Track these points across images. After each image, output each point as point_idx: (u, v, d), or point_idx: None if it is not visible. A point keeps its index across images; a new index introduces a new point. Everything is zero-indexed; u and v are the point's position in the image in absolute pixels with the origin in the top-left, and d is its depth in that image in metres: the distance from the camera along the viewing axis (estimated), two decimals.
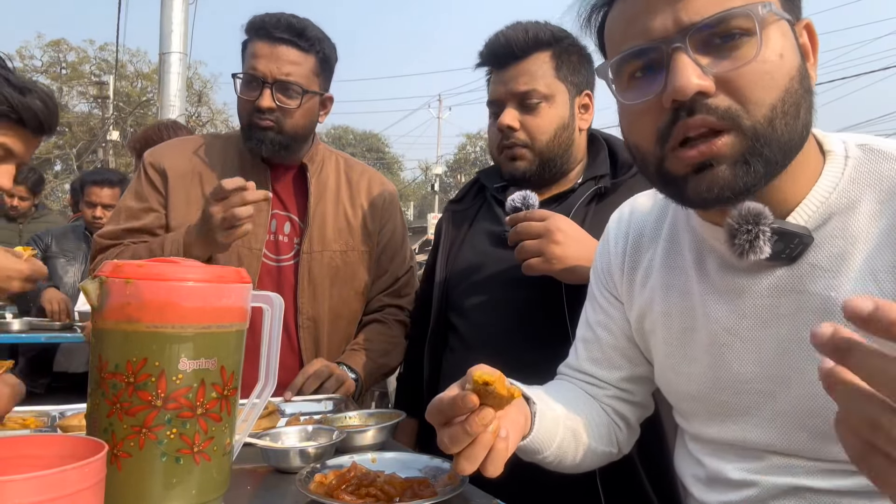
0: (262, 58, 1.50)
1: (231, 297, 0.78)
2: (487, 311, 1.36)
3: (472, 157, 44.78)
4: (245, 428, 0.88)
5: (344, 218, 1.67)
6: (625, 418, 1.03)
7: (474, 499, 0.88)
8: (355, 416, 1.21)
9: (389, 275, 1.75)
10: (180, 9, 6.55)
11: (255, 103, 1.51)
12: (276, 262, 1.61)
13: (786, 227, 0.75)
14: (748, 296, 0.81)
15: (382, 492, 0.84)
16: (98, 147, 22.79)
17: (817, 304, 0.76)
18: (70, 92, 30.40)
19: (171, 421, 0.72)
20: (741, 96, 0.72)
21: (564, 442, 0.93)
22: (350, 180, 1.73)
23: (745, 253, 0.75)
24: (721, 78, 0.72)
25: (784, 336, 0.79)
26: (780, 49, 0.72)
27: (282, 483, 0.94)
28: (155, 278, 0.73)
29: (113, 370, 0.72)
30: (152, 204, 1.58)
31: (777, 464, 0.82)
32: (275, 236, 1.62)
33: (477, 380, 0.71)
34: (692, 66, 0.72)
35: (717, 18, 0.72)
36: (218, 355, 0.76)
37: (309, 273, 1.60)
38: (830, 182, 0.78)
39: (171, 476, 0.73)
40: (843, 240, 0.76)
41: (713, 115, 0.72)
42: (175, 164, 1.60)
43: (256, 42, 1.52)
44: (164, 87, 6.57)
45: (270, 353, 0.88)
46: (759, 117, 0.72)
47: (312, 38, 1.54)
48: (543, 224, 1.21)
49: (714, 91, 0.72)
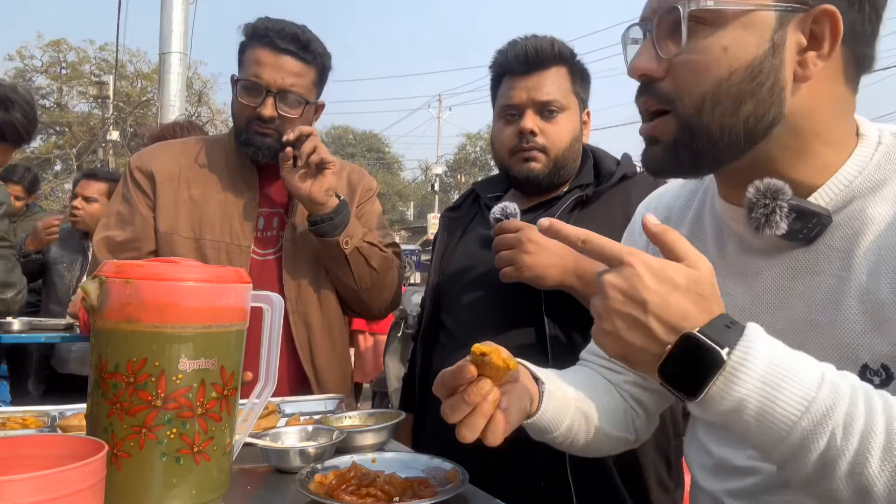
0: (266, 66, 1.52)
1: (231, 297, 0.78)
2: (474, 310, 1.42)
3: (472, 157, 44.78)
4: (245, 428, 0.88)
5: None
6: (643, 405, 1.03)
7: (474, 499, 0.88)
8: (355, 416, 1.21)
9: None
10: (180, 9, 6.55)
11: (256, 110, 1.53)
12: (262, 256, 1.63)
13: (804, 205, 0.75)
14: (763, 277, 0.82)
15: (382, 492, 0.84)
16: (98, 147, 22.80)
17: (830, 284, 0.76)
18: (70, 92, 30.39)
19: (171, 421, 0.72)
20: (678, 84, 0.77)
21: (575, 424, 0.93)
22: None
23: (761, 227, 0.76)
24: (670, 64, 0.77)
25: (796, 317, 0.79)
26: (726, 42, 0.74)
27: (282, 483, 0.95)
28: (155, 278, 0.73)
29: (113, 370, 0.72)
30: (140, 208, 1.60)
31: None
32: (262, 233, 1.64)
33: (475, 351, 0.75)
34: (648, 49, 0.78)
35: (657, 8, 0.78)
36: (218, 355, 0.76)
37: (291, 260, 1.62)
38: (858, 166, 0.78)
39: (171, 476, 0.73)
40: (859, 221, 0.76)
41: (654, 97, 0.79)
42: (162, 168, 1.62)
43: (259, 49, 1.53)
44: (164, 87, 6.57)
45: (270, 353, 0.88)
46: (689, 106, 0.76)
47: (315, 52, 1.57)
48: (516, 235, 1.28)
49: (662, 75, 0.78)
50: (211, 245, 1.57)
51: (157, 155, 1.66)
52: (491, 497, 0.88)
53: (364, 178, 1.81)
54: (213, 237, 1.57)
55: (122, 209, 1.61)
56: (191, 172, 1.63)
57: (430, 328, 1.52)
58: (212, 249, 1.56)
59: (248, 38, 1.56)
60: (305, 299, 1.63)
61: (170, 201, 1.59)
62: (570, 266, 1.25)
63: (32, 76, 30.92)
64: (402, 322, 3.43)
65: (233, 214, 1.60)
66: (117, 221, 1.60)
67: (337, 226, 1.54)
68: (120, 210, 1.61)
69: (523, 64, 1.41)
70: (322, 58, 1.59)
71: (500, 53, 1.46)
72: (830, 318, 0.76)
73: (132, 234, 1.58)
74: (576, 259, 1.25)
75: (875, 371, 0.73)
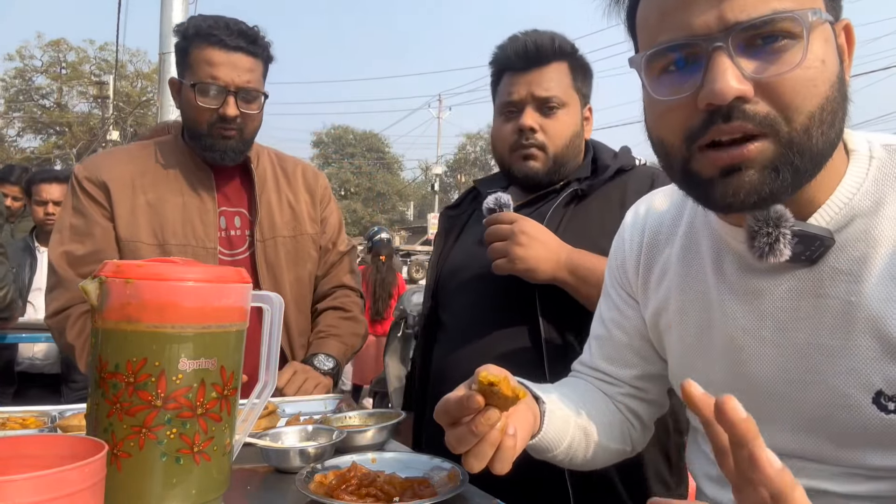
0: (220, 65, 1.50)
1: (231, 297, 0.78)
2: (468, 307, 1.42)
3: (471, 157, 44.76)
4: (245, 428, 0.88)
5: (288, 205, 1.72)
6: (638, 416, 1.03)
7: (474, 499, 0.88)
8: (355, 416, 1.21)
9: (335, 252, 1.80)
10: (180, 9, 6.54)
11: (217, 111, 1.52)
12: (231, 256, 1.63)
13: (807, 229, 0.73)
14: (767, 298, 0.80)
15: (382, 492, 0.84)
16: (98, 147, 22.78)
17: (838, 309, 0.75)
18: (70, 92, 30.39)
19: (171, 421, 0.72)
20: (781, 103, 0.69)
21: (575, 441, 0.93)
22: (285, 171, 1.77)
23: (765, 255, 0.74)
24: (761, 83, 0.69)
25: (802, 340, 0.78)
26: (822, 55, 0.69)
27: (282, 483, 0.95)
28: (155, 278, 0.73)
29: (113, 370, 0.72)
30: (97, 219, 1.55)
31: (792, 466, 0.81)
32: (226, 232, 1.64)
33: (482, 380, 0.71)
34: (732, 68, 0.69)
35: (765, 20, 0.68)
36: (218, 355, 0.76)
37: (266, 261, 1.64)
38: (854, 183, 0.76)
39: (171, 476, 0.73)
40: (864, 243, 0.74)
41: (751, 121, 0.70)
42: (114, 176, 1.58)
43: (209, 49, 1.51)
44: (164, 87, 6.55)
45: (270, 353, 0.88)
46: (797, 125, 0.69)
47: (263, 45, 1.57)
48: (509, 227, 1.28)
49: (752, 96, 0.69)
50: (176, 249, 1.55)
51: (105, 163, 1.62)
52: (491, 497, 0.88)
53: (319, 178, 1.83)
54: (177, 241, 1.55)
55: (75, 222, 1.56)
56: (144, 178, 1.59)
57: (429, 327, 1.52)
58: (178, 253, 1.53)
59: (192, 39, 1.53)
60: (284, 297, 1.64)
61: (126, 209, 1.56)
62: (563, 260, 1.25)
63: (32, 76, 30.92)
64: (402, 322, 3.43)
65: (193, 216, 1.58)
66: (73, 235, 1.55)
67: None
68: (73, 223, 1.56)
69: (523, 59, 1.39)
70: (267, 49, 1.59)
71: (500, 49, 1.44)
72: (841, 343, 0.75)
73: (93, 246, 1.54)
74: (568, 253, 1.25)
75: (890, 397, 0.72)
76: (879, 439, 0.74)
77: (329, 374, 1.58)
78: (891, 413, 0.72)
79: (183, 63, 1.55)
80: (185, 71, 1.55)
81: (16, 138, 31.32)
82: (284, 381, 1.48)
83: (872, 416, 0.73)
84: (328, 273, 1.78)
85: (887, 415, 0.73)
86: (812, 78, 0.69)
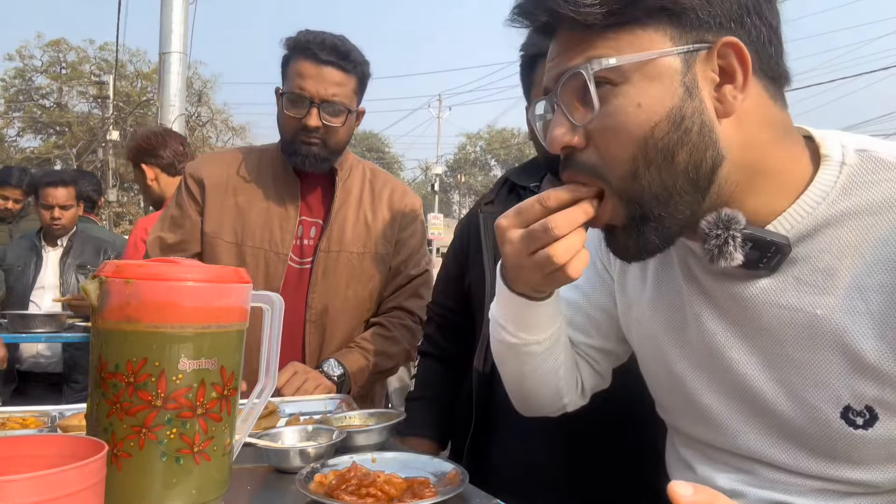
0: (309, 78, 1.57)
1: (231, 296, 0.78)
2: None
3: (471, 157, 44.75)
4: (245, 428, 0.88)
5: (364, 222, 1.74)
6: (583, 380, 1.03)
7: (474, 499, 0.88)
8: (355, 416, 1.21)
9: (403, 275, 1.80)
10: (180, 9, 6.54)
11: (301, 121, 1.59)
12: (300, 264, 1.69)
13: (758, 234, 0.72)
14: (734, 302, 0.79)
15: (382, 492, 0.84)
16: (98, 147, 22.80)
17: (803, 321, 0.73)
18: (70, 92, 30.39)
19: (171, 421, 0.72)
20: (602, 152, 0.72)
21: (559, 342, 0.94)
22: (374, 189, 1.80)
23: (715, 258, 0.73)
24: (587, 132, 0.72)
25: (768, 349, 0.77)
26: (637, 98, 0.69)
27: (282, 483, 0.95)
28: (155, 278, 0.73)
29: (113, 370, 0.72)
30: (190, 212, 1.70)
31: (769, 477, 0.80)
32: (301, 241, 1.70)
33: None
34: (562, 120, 0.73)
35: (558, 75, 0.73)
36: (218, 355, 0.76)
37: (323, 271, 1.67)
38: (821, 191, 0.73)
39: (171, 476, 0.73)
40: (830, 254, 0.72)
41: (581, 170, 0.73)
42: (212, 175, 1.71)
43: (302, 61, 1.59)
44: (164, 87, 6.56)
45: (270, 353, 0.88)
46: (619, 173, 0.71)
47: (355, 61, 1.62)
48: None
49: (584, 146, 0.73)
50: (251, 251, 1.64)
51: (209, 163, 1.77)
52: (491, 497, 0.88)
53: (406, 199, 1.82)
54: (253, 243, 1.64)
55: (175, 213, 1.72)
56: (238, 181, 1.71)
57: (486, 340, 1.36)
58: (251, 255, 1.64)
59: (291, 51, 1.62)
60: (329, 312, 1.68)
61: (216, 207, 1.68)
62: None
63: (32, 76, 30.92)
64: None
65: (273, 222, 1.66)
66: (170, 224, 1.72)
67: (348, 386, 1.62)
68: (173, 214, 1.73)
69: None
70: (362, 66, 1.65)
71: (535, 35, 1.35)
72: (808, 356, 0.73)
73: (181, 236, 1.69)
74: None
75: (858, 412, 0.71)
76: (848, 454, 0.73)
77: (333, 380, 1.58)
78: (859, 428, 0.71)
79: (283, 74, 1.66)
80: (284, 81, 1.64)
81: (16, 138, 31.34)
82: (284, 381, 1.49)
83: (841, 430, 0.72)
84: (393, 293, 1.79)
85: (856, 430, 0.71)
86: (623, 123, 0.70)
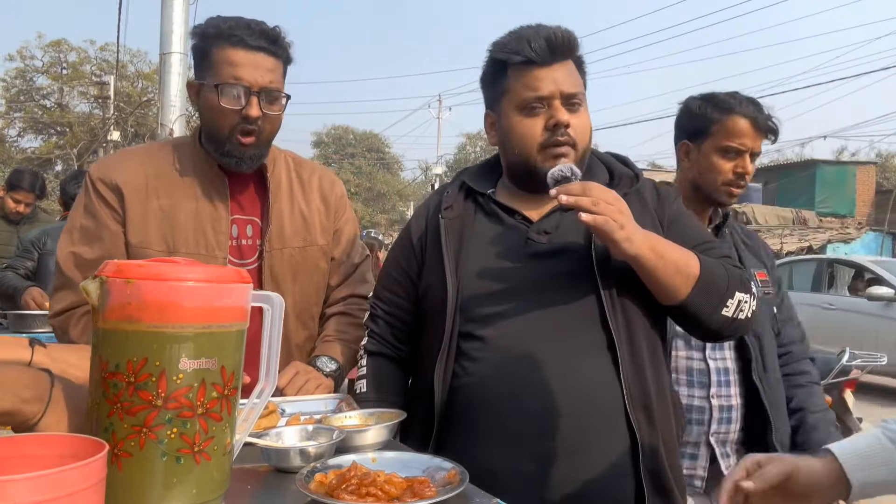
0: (243, 66, 1.47)
1: (231, 297, 0.78)
2: (523, 320, 1.31)
3: (471, 157, 44.71)
4: (245, 428, 0.88)
5: (300, 215, 1.67)
6: None
7: (474, 499, 0.88)
8: (355, 416, 1.21)
9: (348, 264, 1.76)
10: (180, 9, 6.53)
11: (241, 112, 1.48)
12: (241, 265, 1.59)
13: None
14: None
15: (382, 492, 0.84)
16: (99, 147, 22.78)
17: None
18: (71, 92, 30.38)
19: (172, 420, 0.72)
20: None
21: None
22: (301, 178, 1.72)
23: None
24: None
25: None
26: None
27: (282, 483, 0.95)
28: (155, 278, 0.73)
29: (113, 370, 0.72)
30: (108, 222, 1.53)
31: None
32: (237, 241, 1.60)
33: None
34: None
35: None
36: (218, 355, 0.76)
37: (271, 271, 1.60)
38: None
39: (172, 476, 0.73)
40: None
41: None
42: (128, 179, 1.54)
43: (230, 49, 1.48)
44: (165, 88, 6.55)
45: (270, 353, 0.88)
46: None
47: (284, 45, 1.54)
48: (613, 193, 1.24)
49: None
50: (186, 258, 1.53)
51: (121, 164, 1.59)
52: (491, 497, 0.88)
53: (335, 186, 1.77)
54: (187, 249, 1.52)
55: (86, 223, 1.54)
56: (158, 181, 1.55)
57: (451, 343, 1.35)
58: None
59: (213, 39, 1.49)
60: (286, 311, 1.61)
61: (139, 214, 1.52)
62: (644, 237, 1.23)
63: (33, 76, 30.92)
64: None
65: (205, 224, 1.54)
66: (83, 237, 1.54)
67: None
68: (84, 224, 1.54)
69: (550, 52, 1.32)
70: (288, 49, 1.56)
71: (514, 41, 1.34)
72: None
73: (101, 250, 1.51)
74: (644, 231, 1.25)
75: None
76: None
77: (331, 377, 1.57)
78: None
79: (202, 65, 1.52)
80: (205, 73, 1.51)
81: (17, 138, 31.37)
82: (286, 381, 1.47)
83: None
84: (342, 283, 1.76)
85: None
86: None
